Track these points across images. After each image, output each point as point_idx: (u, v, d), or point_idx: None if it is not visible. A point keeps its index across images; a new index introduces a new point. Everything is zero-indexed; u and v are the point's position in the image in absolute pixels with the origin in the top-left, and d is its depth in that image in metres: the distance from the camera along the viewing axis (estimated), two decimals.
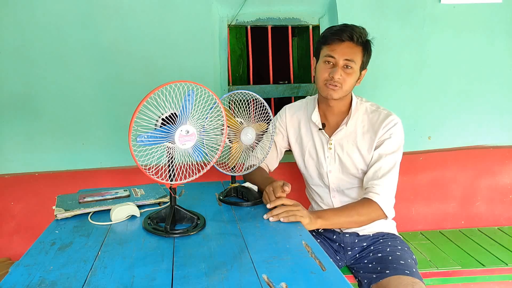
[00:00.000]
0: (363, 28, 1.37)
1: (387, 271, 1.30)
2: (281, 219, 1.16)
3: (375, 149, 1.41)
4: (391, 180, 1.36)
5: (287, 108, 1.61)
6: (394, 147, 1.39)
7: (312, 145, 1.52)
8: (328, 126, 1.50)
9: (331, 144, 1.47)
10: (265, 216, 1.19)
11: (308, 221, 1.19)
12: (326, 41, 1.37)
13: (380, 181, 1.35)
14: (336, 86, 1.36)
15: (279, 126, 1.59)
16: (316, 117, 1.49)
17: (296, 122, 1.57)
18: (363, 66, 1.40)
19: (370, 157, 1.42)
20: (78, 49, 1.98)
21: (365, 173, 1.43)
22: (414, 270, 1.29)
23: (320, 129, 1.49)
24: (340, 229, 1.51)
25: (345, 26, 1.37)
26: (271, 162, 1.60)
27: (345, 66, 1.35)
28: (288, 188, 1.24)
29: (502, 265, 1.68)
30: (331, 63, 1.36)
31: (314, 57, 1.48)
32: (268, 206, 1.23)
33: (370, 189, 1.35)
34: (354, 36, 1.33)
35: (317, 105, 1.51)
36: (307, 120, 1.53)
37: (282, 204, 1.21)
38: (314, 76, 1.46)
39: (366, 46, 1.38)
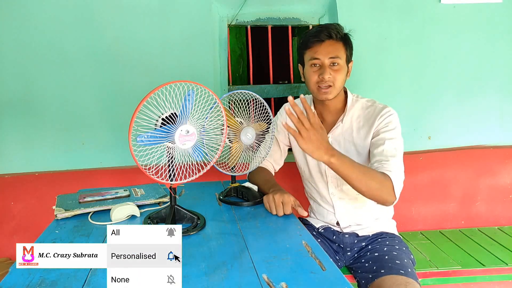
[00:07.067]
0: (338, 24, 1.39)
1: (382, 271, 1.29)
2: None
3: (372, 138, 1.39)
4: (398, 162, 1.30)
5: (287, 106, 1.61)
6: (392, 134, 1.36)
7: None
8: (325, 124, 1.50)
9: None
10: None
11: (319, 154, 1.14)
12: (307, 45, 1.39)
13: (389, 162, 1.28)
14: (329, 86, 1.37)
15: (281, 124, 1.59)
16: None
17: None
18: (348, 59, 1.42)
19: (367, 150, 1.41)
20: (78, 49, 1.97)
21: None
22: (409, 270, 1.28)
23: None
24: (340, 228, 1.51)
25: (320, 26, 1.39)
26: (277, 161, 1.60)
27: (331, 64, 1.36)
28: (301, 210, 1.25)
29: (502, 265, 1.67)
30: (318, 65, 1.38)
31: (299, 64, 1.49)
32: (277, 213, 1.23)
33: (380, 168, 1.26)
34: (332, 33, 1.35)
35: (313, 104, 1.52)
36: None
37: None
38: (304, 82, 1.47)
39: (346, 40, 1.39)
